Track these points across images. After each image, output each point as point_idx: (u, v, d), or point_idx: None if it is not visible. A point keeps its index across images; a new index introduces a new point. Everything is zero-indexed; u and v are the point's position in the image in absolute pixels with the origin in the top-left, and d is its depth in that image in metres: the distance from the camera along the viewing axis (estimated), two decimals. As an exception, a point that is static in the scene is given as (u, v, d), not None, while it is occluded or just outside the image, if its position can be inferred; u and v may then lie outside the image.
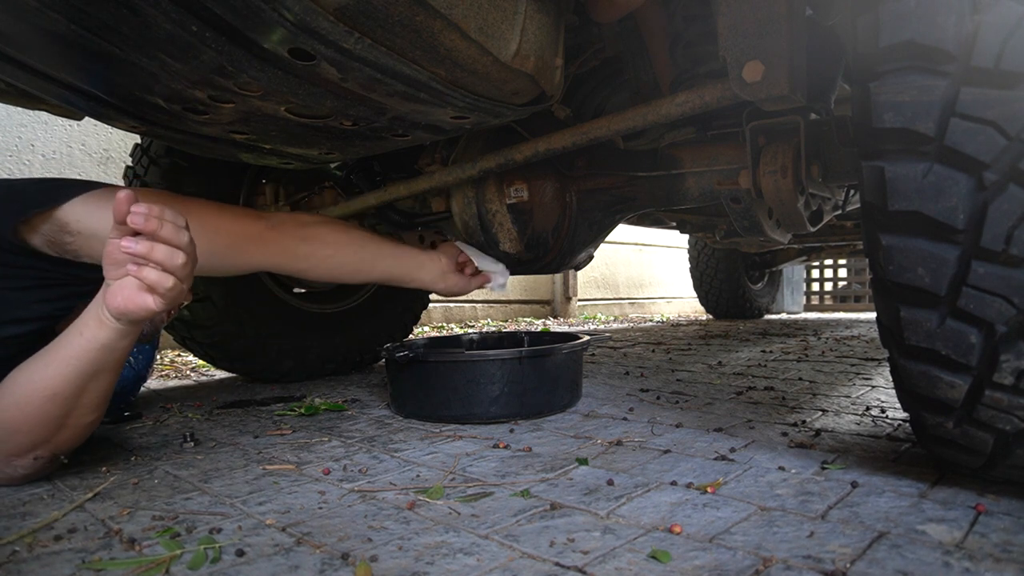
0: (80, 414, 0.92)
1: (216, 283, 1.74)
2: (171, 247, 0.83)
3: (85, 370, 0.87)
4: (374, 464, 1.04)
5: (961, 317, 0.72)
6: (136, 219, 0.80)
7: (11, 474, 0.94)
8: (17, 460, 0.92)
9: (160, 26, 0.80)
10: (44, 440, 0.91)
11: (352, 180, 1.79)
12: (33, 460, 0.93)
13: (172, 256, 0.82)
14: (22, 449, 0.91)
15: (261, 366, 1.89)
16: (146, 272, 0.82)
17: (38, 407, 0.88)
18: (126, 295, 0.82)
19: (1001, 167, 0.68)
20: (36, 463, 0.93)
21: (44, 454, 0.93)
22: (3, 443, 0.90)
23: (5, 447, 0.90)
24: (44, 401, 0.87)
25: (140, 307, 0.83)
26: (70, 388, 0.88)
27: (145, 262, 0.82)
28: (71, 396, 0.88)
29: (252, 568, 0.66)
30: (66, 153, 2.77)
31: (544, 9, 1.01)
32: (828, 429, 1.21)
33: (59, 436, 0.92)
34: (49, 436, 0.91)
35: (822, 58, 1.11)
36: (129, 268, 0.82)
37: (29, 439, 0.90)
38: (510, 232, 1.58)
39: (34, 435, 0.90)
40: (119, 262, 0.83)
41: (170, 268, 0.83)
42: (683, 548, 0.68)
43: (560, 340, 1.48)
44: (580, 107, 1.53)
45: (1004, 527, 0.72)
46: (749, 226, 1.43)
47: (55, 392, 0.87)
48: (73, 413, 0.91)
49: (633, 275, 6.28)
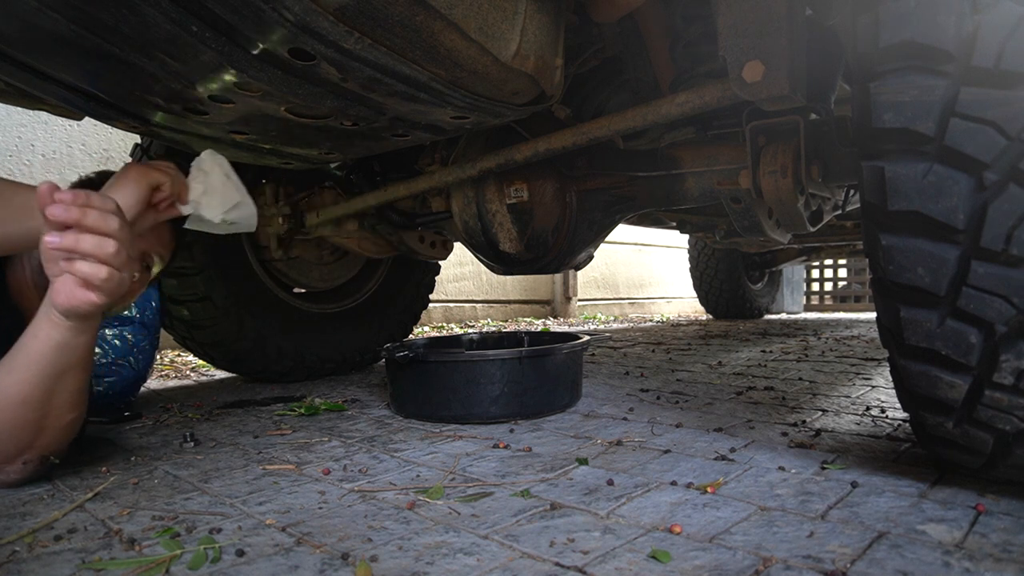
0: (57, 415, 0.89)
1: (216, 283, 1.74)
2: (98, 236, 0.78)
3: (48, 372, 0.84)
4: (374, 464, 1.04)
5: (961, 317, 0.72)
6: (56, 211, 0.76)
7: (5, 480, 0.93)
8: (7, 466, 0.91)
9: (160, 26, 0.80)
10: (28, 445, 0.90)
11: (352, 180, 1.79)
12: (23, 465, 0.91)
13: (101, 245, 0.78)
14: (9, 455, 0.90)
15: (261, 366, 1.89)
16: (77, 266, 0.78)
17: (13, 413, 0.85)
18: (67, 292, 0.79)
19: (1001, 167, 0.68)
20: (26, 467, 0.92)
21: (32, 457, 0.91)
22: None
23: None
24: (16, 407, 0.85)
25: (82, 302, 0.79)
26: (38, 391, 0.85)
27: (75, 255, 0.78)
28: (42, 399, 0.86)
29: (252, 568, 0.66)
30: (66, 153, 2.77)
31: (544, 9, 1.01)
32: (828, 429, 1.21)
33: (41, 439, 0.90)
34: (31, 440, 0.89)
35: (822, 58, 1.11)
36: (61, 264, 0.79)
37: (13, 445, 0.89)
38: (510, 232, 1.58)
39: (16, 440, 0.88)
40: (54, 258, 0.79)
41: (102, 258, 0.78)
42: (683, 548, 0.68)
43: (560, 340, 1.48)
44: (580, 107, 1.53)
45: (1004, 527, 0.72)
46: (749, 226, 1.43)
47: (24, 397, 0.85)
48: (50, 415, 0.88)
49: (633, 275, 6.27)
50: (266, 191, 1.84)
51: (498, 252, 1.62)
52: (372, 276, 2.22)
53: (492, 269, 1.74)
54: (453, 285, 4.49)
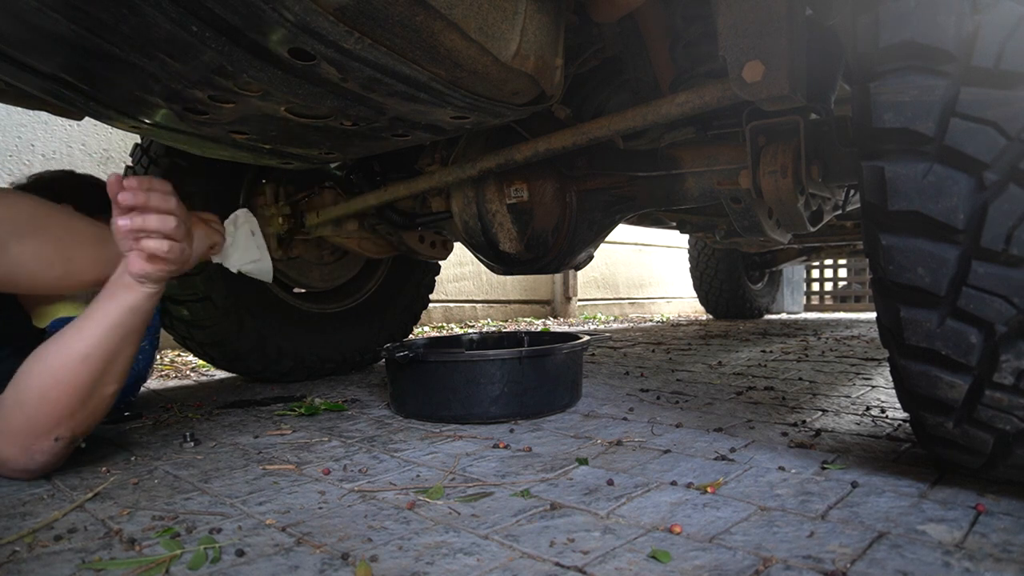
0: (106, 382, 0.96)
1: (216, 283, 1.74)
2: (161, 214, 0.92)
3: (116, 332, 0.94)
4: (374, 464, 1.04)
5: (961, 317, 0.72)
6: (125, 197, 0.90)
7: (28, 465, 0.95)
8: (37, 444, 0.93)
9: (160, 26, 0.80)
10: (70, 413, 0.93)
11: (352, 180, 1.79)
12: (53, 442, 0.94)
13: (164, 222, 0.92)
14: (47, 425, 0.93)
15: (261, 366, 1.89)
16: (144, 243, 0.92)
17: (71, 370, 0.92)
18: (139, 265, 0.92)
19: (1001, 167, 0.68)
20: (56, 446, 0.95)
21: (65, 434, 0.95)
22: (29, 419, 0.92)
23: (30, 424, 0.92)
24: (77, 363, 0.92)
25: (155, 268, 0.93)
26: (101, 350, 0.93)
27: (143, 234, 0.92)
28: (102, 359, 0.94)
29: (252, 568, 0.66)
30: (66, 153, 2.77)
31: (544, 9, 1.01)
32: (828, 429, 1.21)
33: (83, 410, 0.95)
34: (75, 408, 0.94)
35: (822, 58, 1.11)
36: (131, 243, 0.92)
37: (55, 411, 0.92)
38: (510, 232, 1.58)
39: (61, 406, 0.92)
40: (126, 237, 0.92)
41: (166, 232, 0.93)
42: (683, 548, 0.68)
43: (560, 340, 1.48)
44: (580, 107, 1.53)
45: (1004, 527, 0.72)
46: (749, 226, 1.43)
47: (87, 354, 0.93)
48: (102, 380, 0.95)
49: (633, 275, 6.27)
50: (266, 191, 1.84)
51: (498, 252, 1.62)
52: (372, 276, 2.22)
53: (492, 269, 1.74)
54: (453, 285, 4.49)
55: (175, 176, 1.70)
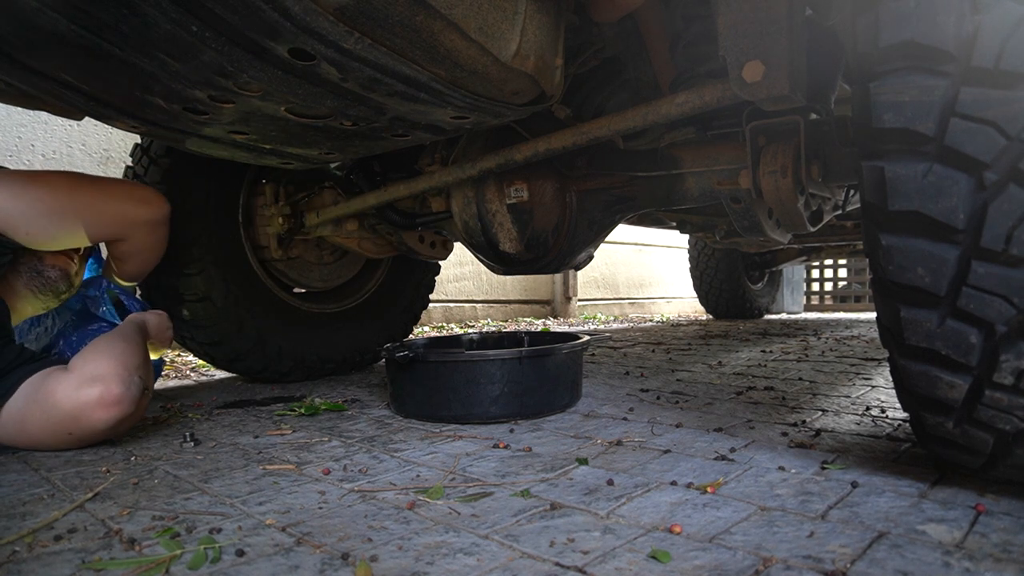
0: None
1: (216, 283, 1.74)
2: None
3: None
4: (374, 464, 1.04)
5: (961, 317, 0.72)
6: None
7: (92, 424, 1.10)
8: (130, 376, 1.12)
9: (160, 26, 0.80)
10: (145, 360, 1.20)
11: (352, 180, 1.79)
12: (139, 379, 1.14)
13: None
14: (134, 363, 1.15)
15: (261, 366, 1.89)
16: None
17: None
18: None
19: (1001, 167, 0.68)
20: (140, 384, 1.14)
21: (144, 375, 1.16)
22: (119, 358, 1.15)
23: (122, 361, 1.14)
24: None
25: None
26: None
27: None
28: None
29: (252, 568, 0.66)
30: (66, 153, 2.77)
31: (544, 9, 1.01)
32: (828, 429, 1.21)
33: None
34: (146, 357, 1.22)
35: (822, 58, 1.11)
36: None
37: (139, 354, 1.20)
38: (510, 232, 1.58)
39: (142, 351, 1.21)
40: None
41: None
42: (683, 548, 0.68)
43: (560, 340, 1.48)
44: (580, 107, 1.53)
45: (1004, 527, 0.72)
46: (749, 226, 1.43)
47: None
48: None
49: (633, 275, 6.27)
50: (266, 191, 1.84)
51: (498, 252, 1.62)
52: (372, 276, 2.22)
53: (492, 269, 1.74)
54: (453, 285, 4.49)
55: (175, 176, 1.70)
